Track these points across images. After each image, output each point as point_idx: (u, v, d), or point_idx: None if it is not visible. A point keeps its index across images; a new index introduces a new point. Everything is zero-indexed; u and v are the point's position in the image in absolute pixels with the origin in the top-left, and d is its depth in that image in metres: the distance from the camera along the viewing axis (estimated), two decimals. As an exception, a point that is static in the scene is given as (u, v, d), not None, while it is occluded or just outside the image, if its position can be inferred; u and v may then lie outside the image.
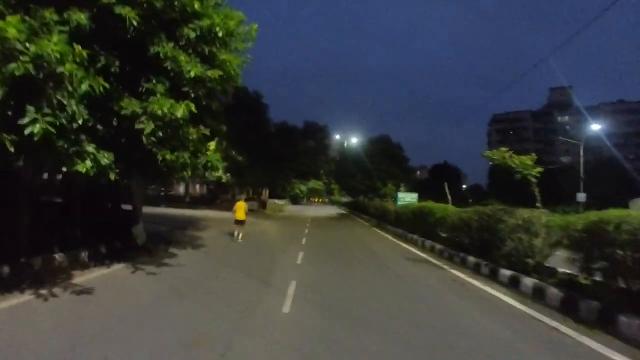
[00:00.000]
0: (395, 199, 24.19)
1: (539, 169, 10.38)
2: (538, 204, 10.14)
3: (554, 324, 6.24)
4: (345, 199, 76.90)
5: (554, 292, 7.54)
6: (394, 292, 8.49)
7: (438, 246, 14.61)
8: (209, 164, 10.02)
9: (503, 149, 11.09)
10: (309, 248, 14.98)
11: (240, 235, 16.14)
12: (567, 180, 56.88)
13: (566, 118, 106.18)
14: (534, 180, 10.35)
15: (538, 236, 9.41)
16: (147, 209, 30.27)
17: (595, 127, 37.98)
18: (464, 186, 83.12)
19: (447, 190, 17.90)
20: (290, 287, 8.21)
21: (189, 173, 9.92)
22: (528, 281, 8.53)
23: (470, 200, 54.96)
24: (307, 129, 44.07)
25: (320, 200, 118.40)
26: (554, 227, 9.14)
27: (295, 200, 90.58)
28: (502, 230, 10.19)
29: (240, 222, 16.30)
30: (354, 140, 48.45)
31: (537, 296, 7.96)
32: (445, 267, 11.97)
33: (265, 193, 47.29)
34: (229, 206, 42.13)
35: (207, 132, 9.62)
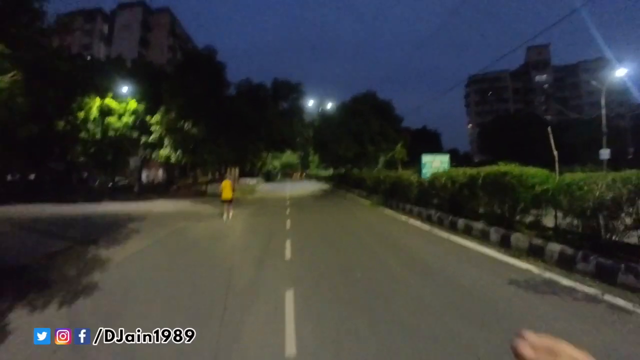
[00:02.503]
0: (420, 166, 16.89)
1: None
2: None
3: None
4: (325, 172, 69.08)
5: None
6: None
7: (560, 249, 7.52)
8: None
9: None
10: (305, 278, 7.29)
11: (230, 214, 16.35)
12: (576, 137, 51.18)
13: (544, 77, 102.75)
14: None
15: None
16: (74, 208, 23.30)
17: (621, 72, 31.15)
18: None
19: (552, 144, 10.19)
20: None
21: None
22: None
23: (455, 164, 47.89)
24: (277, 89, 35.93)
25: (300, 175, 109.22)
26: None
27: (268, 177, 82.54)
28: None
29: (227, 202, 16.32)
30: (332, 105, 40.99)
31: None
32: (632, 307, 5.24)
33: (234, 172, 39.51)
34: (187, 193, 35.27)
35: None
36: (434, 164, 16.69)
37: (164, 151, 30.75)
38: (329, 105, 42.55)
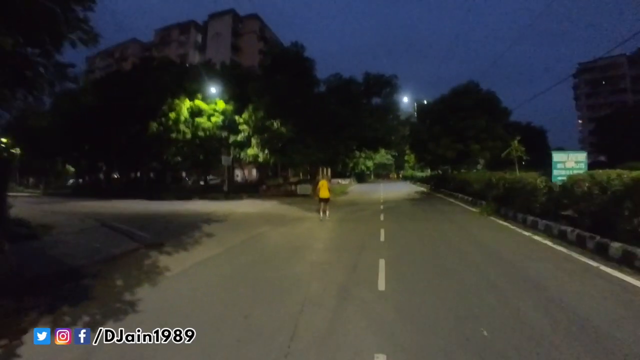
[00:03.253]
0: (551, 166, 13.71)
1: None
2: None
3: None
4: (421, 173, 65.30)
5: None
6: None
7: None
8: None
9: None
10: (404, 331, 4.62)
11: (327, 213, 16.66)
12: None
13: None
14: None
15: None
16: (161, 205, 23.26)
17: None
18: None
19: None
20: None
21: None
22: None
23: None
24: (370, 84, 33.53)
25: (397, 175, 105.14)
26: None
27: (361, 178, 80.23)
28: None
29: (324, 200, 16.68)
30: (429, 100, 38.04)
31: None
32: None
33: (325, 172, 38.03)
34: (276, 193, 34.30)
35: None
36: (568, 164, 13.42)
37: (252, 150, 30.23)
38: (426, 101, 39.71)
